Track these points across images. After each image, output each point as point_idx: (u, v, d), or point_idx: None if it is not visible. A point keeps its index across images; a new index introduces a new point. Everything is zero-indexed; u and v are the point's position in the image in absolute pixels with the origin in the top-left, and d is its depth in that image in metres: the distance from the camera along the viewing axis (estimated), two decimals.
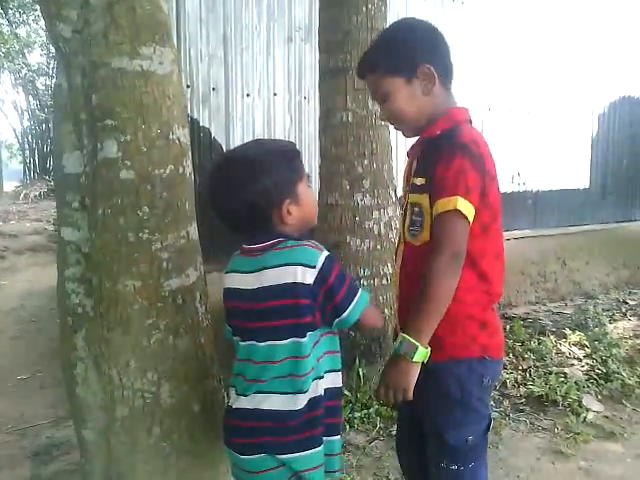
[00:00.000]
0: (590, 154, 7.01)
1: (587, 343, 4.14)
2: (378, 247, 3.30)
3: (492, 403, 3.28)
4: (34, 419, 3.34)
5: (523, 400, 3.36)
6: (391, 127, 3.43)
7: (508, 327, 4.49)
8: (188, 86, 4.09)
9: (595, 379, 3.58)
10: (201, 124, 4.20)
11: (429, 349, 1.48)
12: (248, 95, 4.39)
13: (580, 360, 3.93)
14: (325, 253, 1.40)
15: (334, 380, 1.53)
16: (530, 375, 3.63)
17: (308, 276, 1.36)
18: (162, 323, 1.76)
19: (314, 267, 1.37)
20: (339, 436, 1.57)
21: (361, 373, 3.19)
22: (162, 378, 1.79)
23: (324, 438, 1.49)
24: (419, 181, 1.58)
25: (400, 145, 5.00)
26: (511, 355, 3.95)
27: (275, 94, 4.50)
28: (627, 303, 5.61)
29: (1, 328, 5.35)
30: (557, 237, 6.14)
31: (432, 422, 1.66)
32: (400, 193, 1.97)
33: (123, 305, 1.73)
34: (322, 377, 1.48)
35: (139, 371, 1.78)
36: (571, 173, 6.60)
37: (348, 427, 2.97)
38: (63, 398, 2.14)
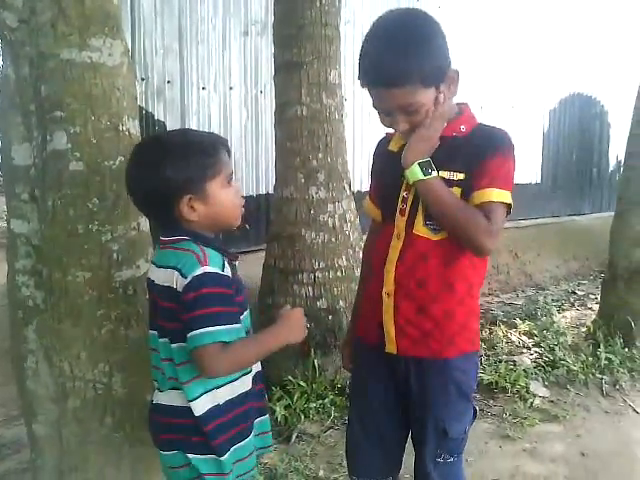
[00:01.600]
0: (541, 149, 7.22)
1: (536, 332, 4.28)
2: (333, 240, 3.34)
3: None
4: None
5: None
6: (346, 121, 3.53)
7: None
8: (143, 79, 4.07)
9: (542, 366, 3.71)
10: (156, 117, 4.18)
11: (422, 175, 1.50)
12: (204, 88, 4.38)
13: (529, 349, 4.06)
14: (205, 269, 1.32)
15: (233, 390, 1.46)
16: (481, 364, 3.73)
17: (179, 284, 1.33)
18: (113, 314, 1.77)
19: (186, 278, 1.32)
20: (248, 439, 1.50)
21: (316, 364, 3.23)
22: (113, 369, 1.80)
23: (232, 447, 1.45)
24: (453, 175, 1.52)
25: (356, 139, 5.08)
26: None
27: (231, 88, 4.50)
28: (576, 293, 5.81)
29: None
30: (509, 230, 6.28)
31: (436, 418, 1.63)
32: (358, 187, 1.91)
33: (73, 296, 1.73)
34: (220, 387, 1.43)
35: (90, 362, 1.79)
36: (523, 168, 6.78)
37: (303, 417, 3.02)
38: (14, 396, 2.12)
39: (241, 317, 1.44)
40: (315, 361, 3.24)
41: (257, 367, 1.56)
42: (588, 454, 2.80)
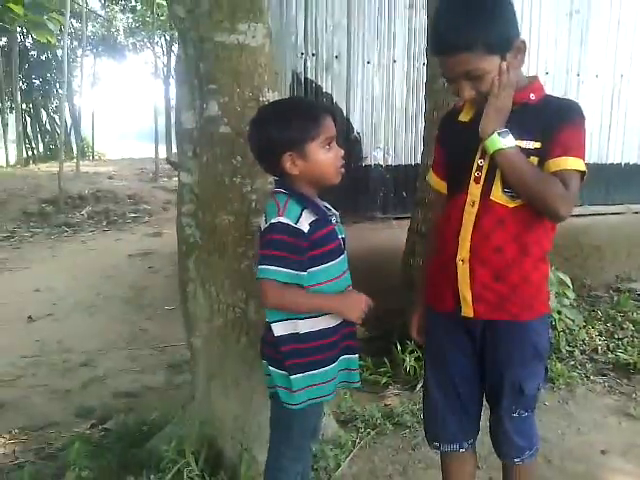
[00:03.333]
0: None
1: None
2: None
3: (577, 366, 3.39)
4: (173, 341, 4.06)
5: (610, 366, 3.41)
6: None
7: (615, 298, 4.48)
8: (313, 54, 4.44)
9: None
10: (324, 90, 4.53)
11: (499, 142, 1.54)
12: (368, 62, 4.64)
13: None
14: (279, 219, 1.55)
15: (313, 324, 1.65)
16: (623, 344, 3.64)
17: (263, 227, 1.61)
18: (250, 252, 2.16)
19: (267, 223, 1.59)
20: (323, 369, 1.67)
21: None
22: (249, 297, 2.21)
23: (307, 372, 1.65)
24: (530, 144, 1.56)
25: None
26: (609, 324, 3.96)
27: (394, 61, 4.71)
28: None
29: (159, 267, 6.34)
30: None
31: (513, 377, 1.70)
32: None
33: (220, 235, 2.15)
34: (301, 319, 1.64)
35: (231, 289, 2.21)
36: None
37: None
38: None
39: (324, 266, 1.64)
40: None
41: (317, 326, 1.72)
42: None
